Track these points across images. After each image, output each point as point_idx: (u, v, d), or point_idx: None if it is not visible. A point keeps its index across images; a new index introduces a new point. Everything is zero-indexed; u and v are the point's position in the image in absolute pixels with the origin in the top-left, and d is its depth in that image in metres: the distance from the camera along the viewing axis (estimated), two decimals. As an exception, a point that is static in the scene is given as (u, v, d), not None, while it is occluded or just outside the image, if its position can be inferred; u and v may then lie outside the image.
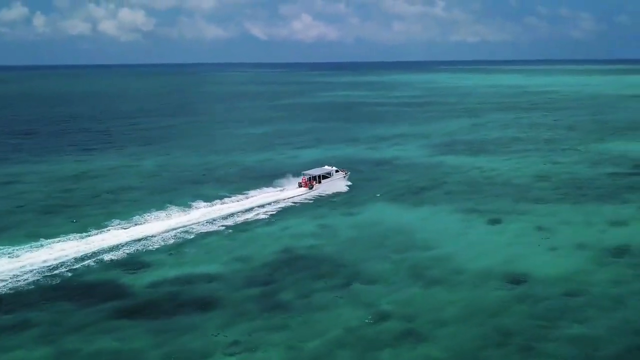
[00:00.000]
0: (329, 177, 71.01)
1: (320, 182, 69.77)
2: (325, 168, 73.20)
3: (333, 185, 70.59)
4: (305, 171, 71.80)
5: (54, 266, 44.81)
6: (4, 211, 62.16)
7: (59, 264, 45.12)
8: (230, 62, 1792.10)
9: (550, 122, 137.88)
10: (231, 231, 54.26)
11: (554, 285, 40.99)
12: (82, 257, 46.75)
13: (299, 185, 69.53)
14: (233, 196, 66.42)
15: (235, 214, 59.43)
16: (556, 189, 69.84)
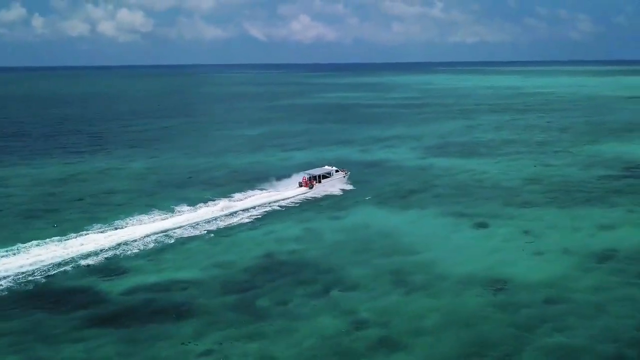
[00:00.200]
0: (329, 177, 71.89)
1: (320, 182, 70.65)
2: (325, 168, 74.07)
3: (333, 185, 71.44)
4: (305, 171, 72.63)
5: (30, 272, 43.96)
6: (-15, 215, 61.36)
7: (35, 270, 44.28)
8: (229, 63, 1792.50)
9: (544, 124, 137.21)
10: (213, 235, 53.48)
11: (536, 292, 40.23)
12: (59, 263, 45.91)
13: (300, 185, 70.31)
14: (219, 199, 65.49)
15: (219, 217, 58.67)
16: (545, 192, 69.10)
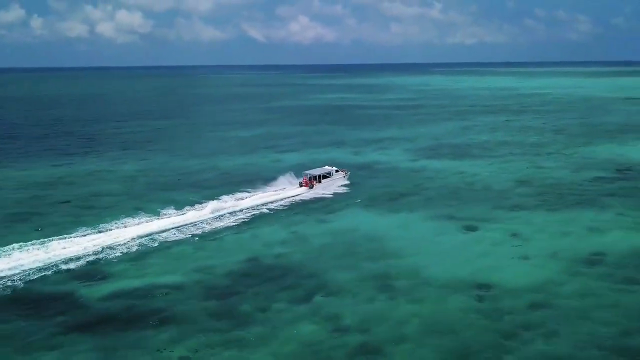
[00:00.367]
0: (329, 177, 72.67)
1: (320, 182, 71.33)
2: (325, 168, 74.90)
3: (333, 185, 72.16)
4: (306, 171, 73.29)
5: (9, 276, 43.31)
6: (-31, 218, 60.67)
7: (14, 275, 43.64)
8: (227, 64, 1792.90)
9: (539, 125, 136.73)
10: (198, 239, 52.84)
11: (521, 297, 39.65)
12: (40, 267, 45.24)
13: (300, 184, 70.91)
14: (207, 202, 64.77)
15: (205, 220, 58.05)
16: (536, 194, 68.56)
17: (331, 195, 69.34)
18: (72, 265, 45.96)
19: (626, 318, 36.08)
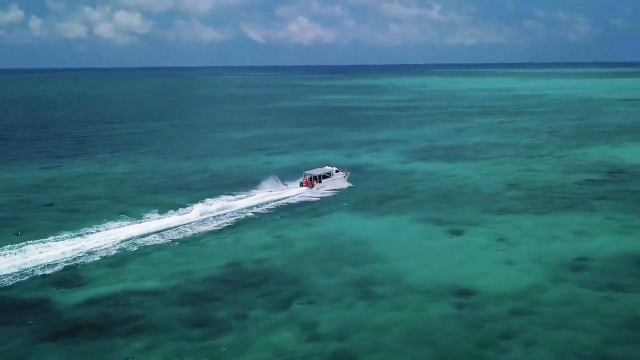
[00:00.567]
0: (330, 177, 73.40)
1: (320, 182, 72.14)
2: (326, 168, 75.76)
3: (333, 185, 73.06)
4: (306, 171, 74.22)
5: (-18, 283, 42.63)
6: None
7: (-12, 281, 42.96)
8: (227, 66, 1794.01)
9: (534, 127, 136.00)
10: (179, 244, 52.06)
11: (502, 304, 38.87)
12: (16, 273, 44.46)
13: (300, 184, 71.70)
14: (192, 205, 64.04)
15: (188, 224, 57.32)
16: (526, 198, 67.78)
17: (317, 198, 68.66)
18: (48, 271, 45.21)
19: (607, 326, 35.32)
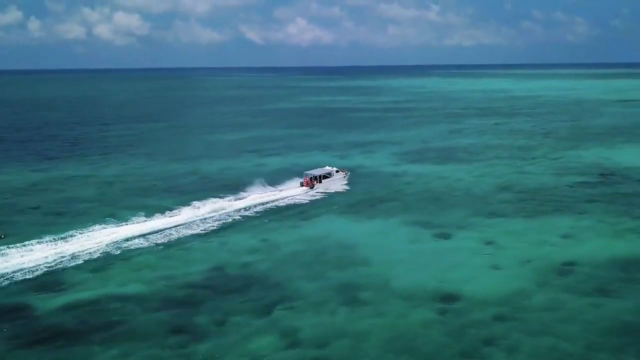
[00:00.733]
0: (329, 177, 74.29)
1: (321, 182, 72.92)
2: (326, 168, 76.88)
3: (333, 185, 73.75)
4: (306, 171, 75.09)
5: (-39, 288, 42.10)
6: None
7: (-33, 286, 42.43)
8: (225, 67, 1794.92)
9: (528, 128, 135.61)
10: (163, 247, 51.51)
11: (486, 310, 38.41)
12: (-4, 277, 44.06)
13: (301, 184, 72.56)
14: (180, 208, 63.58)
15: (174, 228, 56.75)
16: (517, 200, 67.34)
17: (308, 201, 68.21)
18: (29, 276, 44.68)
19: (590, 333, 34.87)
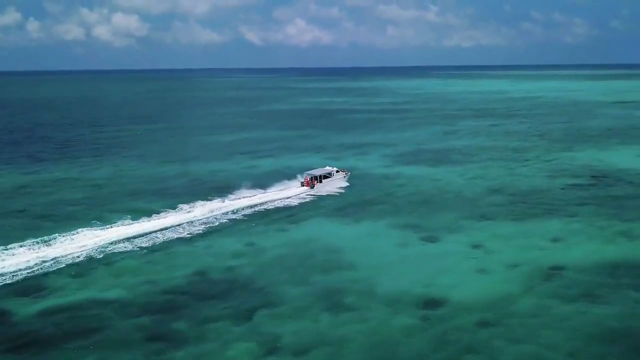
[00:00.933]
0: (330, 177, 75.04)
1: (321, 182, 73.56)
2: (326, 169, 77.79)
3: (333, 185, 74.60)
4: (307, 171, 76.18)
5: (-61, 293, 41.52)
6: None
7: (-55, 291, 41.84)
8: (225, 67, 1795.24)
9: (523, 130, 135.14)
10: (146, 251, 50.92)
11: (470, 315, 37.87)
12: (-25, 282, 43.47)
13: (302, 184, 73.21)
14: (168, 210, 63.14)
15: (160, 230, 56.23)
16: (508, 203, 66.82)
17: (296, 203, 67.68)
18: (8, 280, 44.08)
19: (574, 339, 34.32)
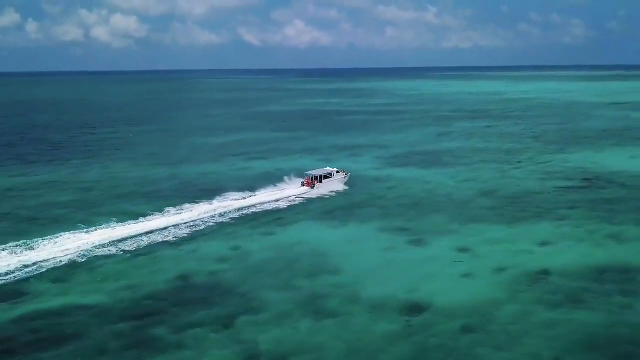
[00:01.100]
0: (330, 178, 75.65)
1: (321, 182, 74.03)
2: (327, 169, 78.48)
3: (333, 185, 75.17)
4: (308, 171, 76.68)
5: None
6: None
7: None
8: (224, 69, 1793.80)
9: (517, 132, 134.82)
10: (130, 255, 50.36)
11: (453, 320, 37.38)
12: (-46, 287, 42.93)
13: (302, 184, 73.81)
14: (155, 214, 62.65)
15: (145, 234, 55.73)
16: (498, 206, 66.37)
17: (285, 207, 67.19)
18: (-12, 285, 43.60)
19: (556, 346, 33.79)
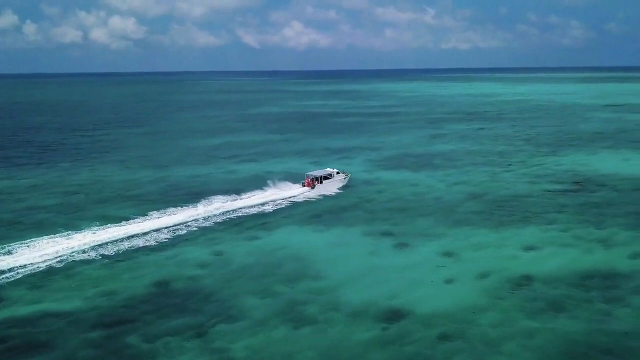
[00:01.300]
0: (330, 178, 76.38)
1: (322, 183, 74.75)
2: (327, 170, 79.24)
3: (333, 186, 75.91)
4: (308, 172, 77.88)
5: None
6: None
7: None
8: (222, 70, 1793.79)
9: (510, 133, 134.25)
10: (108, 260, 49.63)
11: (432, 327, 36.75)
12: None
13: (303, 184, 74.67)
14: (139, 217, 62.06)
15: (127, 238, 55.02)
16: (486, 209, 65.68)
17: (270, 210, 66.51)
18: (-39, 291, 42.84)
19: (534, 356, 33.12)
